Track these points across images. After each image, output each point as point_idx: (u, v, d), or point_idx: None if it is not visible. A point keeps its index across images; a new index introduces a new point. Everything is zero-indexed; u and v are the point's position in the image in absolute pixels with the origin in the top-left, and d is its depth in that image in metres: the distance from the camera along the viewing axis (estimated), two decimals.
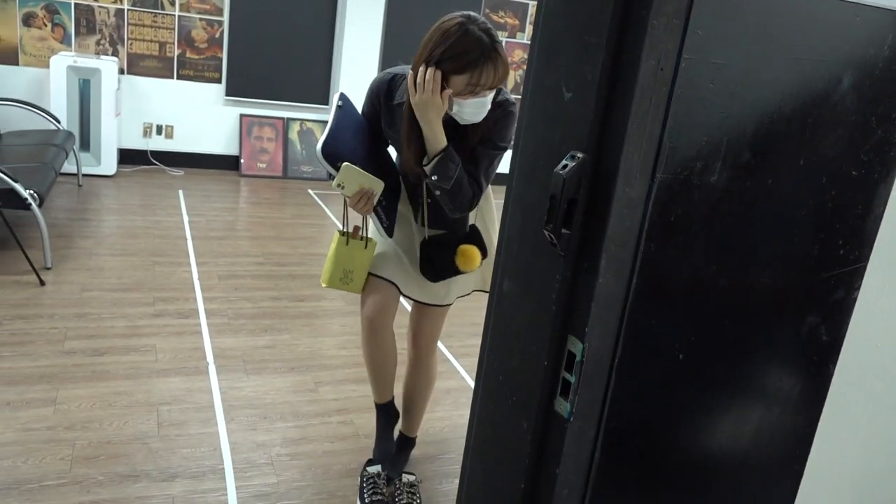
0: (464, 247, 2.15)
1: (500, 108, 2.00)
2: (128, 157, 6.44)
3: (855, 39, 0.95)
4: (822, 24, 0.92)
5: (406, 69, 2.06)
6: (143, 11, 6.29)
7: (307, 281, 4.32)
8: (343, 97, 2.12)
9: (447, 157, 1.95)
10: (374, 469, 2.38)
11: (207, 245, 4.68)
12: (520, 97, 1.86)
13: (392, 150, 2.25)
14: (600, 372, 0.96)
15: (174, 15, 6.39)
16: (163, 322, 3.49)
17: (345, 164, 1.97)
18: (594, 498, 1.02)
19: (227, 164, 6.83)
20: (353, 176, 1.98)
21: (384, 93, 2.11)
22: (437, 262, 2.18)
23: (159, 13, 6.34)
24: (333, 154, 1.99)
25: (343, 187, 1.98)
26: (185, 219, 5.19)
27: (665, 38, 0.84)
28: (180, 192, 5.90)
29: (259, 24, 6.61)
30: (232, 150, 6.84)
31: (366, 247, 2.21)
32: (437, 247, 2.18)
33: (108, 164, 6.03)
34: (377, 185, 2.01)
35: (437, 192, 2.00)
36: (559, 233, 0.93)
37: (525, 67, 7.77)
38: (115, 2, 6.18)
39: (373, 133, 2.18)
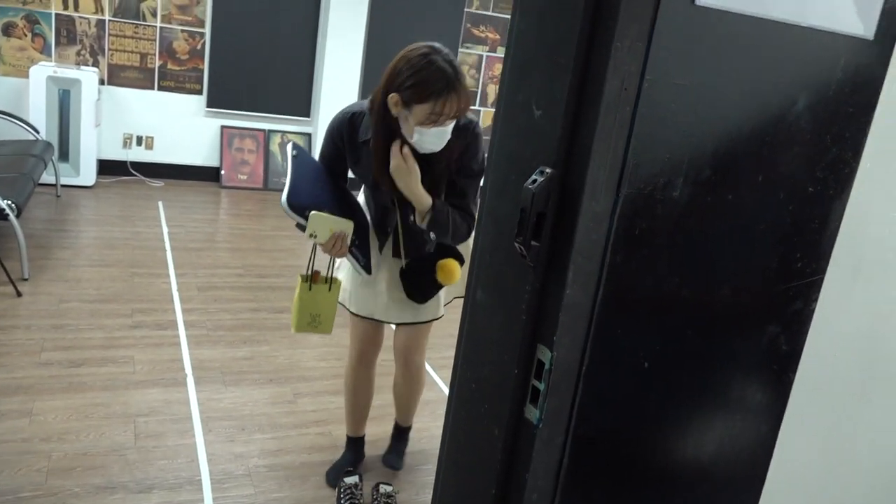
0: (442, 262, 2.17)
1: (467, 131, 2.02)
2: (107, 167, 6.42)
3: (809, 62, 1.00)
4: (778, 48, 0.97)
5: (364, 105, 2.08)
6: (125, 22, 6.29)
7: (287, 293, 4.33)
8: (296, 146, 2.14)
9: (436, 211, 2.00)
10: (352, 480, 2.40)
11: (187, 256, 4.68)
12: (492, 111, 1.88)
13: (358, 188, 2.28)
14: (568, 379, 1.00)
15: (156, 26, 6.39)
16: (141, 333, 3.48)
17: (312, 213, 1.98)
18: (563, 502, 1.05)
19: (208, 175, 6.82)
20: (323, 222, 2.00)
21: (346, 132, 2.12)
22: (422, 285, 2.21)
23: (141, 24, 6.35)
24: (298, 205, 2.01)
25: (316, 236, 2.00)
26: (165, 230, 5.17)
27: (628, 59, 0.89)
28: (160, 203, 5.89)
29: (241, 36, 6.63)
30: (213, 161, 6.83)
31: (330, 289, 2.21)
32: (416, 271, 2.20)
33: (88, 175, 6.00)
34: (348, 227, 2.03)
35: (433, 236, 2.05)
36: (529, 245, 0.96)
37: None
38: (96, 12, 6.18)
39: (331, 175, 2.19)
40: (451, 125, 1.93)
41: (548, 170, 0.95)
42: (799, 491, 1.31)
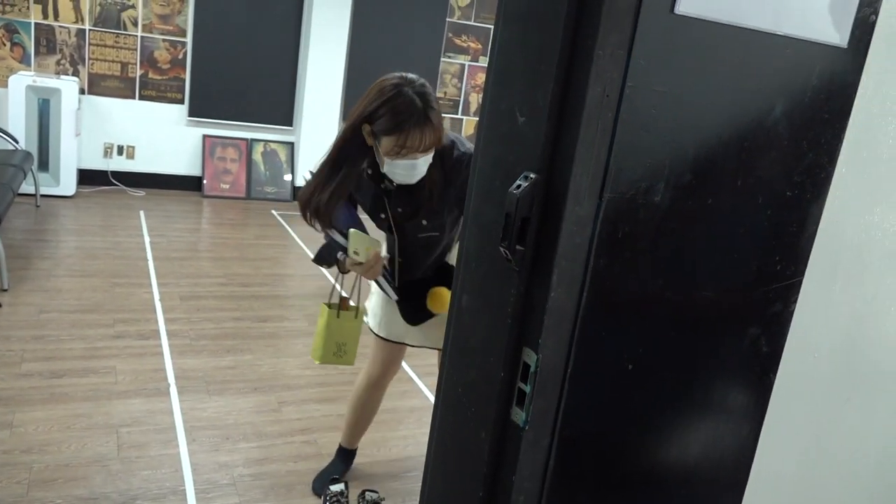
0: (434, 289, 2.13)
1: (460, 164, 1.98)
2: (88, 177, 6.37)
3: (786, 69, 1.02)
4: (756, 56, 0.99)
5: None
6: (105, 32, 6.27)
7: (270, 301, 4.31)
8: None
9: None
10: (338, 487, 2.39)
11: (169, 266, 4.65)
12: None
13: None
14: (554, 382, 1.01)
15: (136, 35, 6.37)
16: (123, 343, 3.46)
17: (352, 230, 1.94)
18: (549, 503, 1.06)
19: (190, 184, 6.79)
20: (363, 241, 1.96)
21: None
22: (415, 308, 2.18)
23: (121, 34, 6.32)
24: (338, 227, 2.00)
25: (358, 253, 1.96)
26: (147, 239, 5.14)
27: (610, 66, 0.90)
28: (141, 212, 5.86)
29: (223, 46, 6.63)
30: (194, 170, 6.81)
31: (356, 316, 2.17)
32: (409, 294, 2.18)
33: (68, 185, 5.96)
34: (381, 247, 2.01)
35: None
36: (514, 249, 0.97)
37: None
38: (76, 21, 6.14)
39: (349, 200, 2.17)
40: (422, 158, 1.89)
41: (532, 175, 0.96)
42: (780, 491, 1.33)
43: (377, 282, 2.15)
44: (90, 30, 6.21)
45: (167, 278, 4.42)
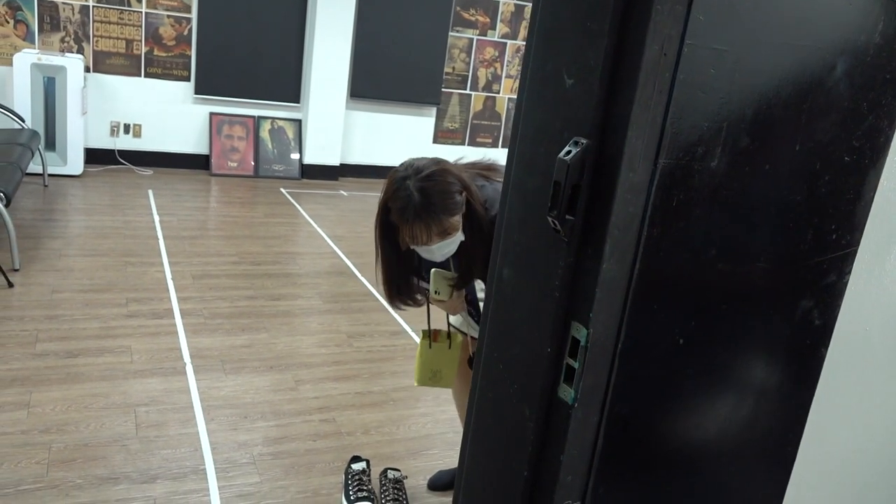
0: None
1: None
2: (95, 156, 6.33)
3: (848, 27, 0.97)
4: (818, 12, 0.94)
5: None
6: (109, 8, 6.18)
7: (283, 280, 4.28)
8: None
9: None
10: (359, 466, 2.37)
11: (180, 245, 4.62)
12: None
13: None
14: (604, 357, 0.97)
15: (141, 12, 6.29)
16: (137, 323, 3.43)
17: (433, 270, 1.96)
18: (597, 483, 1.02)
19: (197, 163, 6.74)
20: (445, 279, 1.99)
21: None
22: None
23: (125, 10, 6.24)
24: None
25: (439, 293, 1.99)
26: (156, 218, 5.11)
27: (668, 23, 0.85)
28: (150, 191, 5.82)
29: (228, 21, 6.54)
30: (202, 148, 6.75)
31: (450, 346, 2.20)
32: None
33: (75, 164, 5.92)
34: None
35: None
36: (563, 219, 0.93)
37: (497, 65, 7.77)
38: None
39: None
40: (436, 245, 1.87)
41: (583, 140, 0.91)
42: (829, 468, 1.30)
43: (462, 315, 2.20)
44: (94, 6, 6.12)
45: (178, 257, 4.39)
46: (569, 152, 0.92)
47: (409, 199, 1.80)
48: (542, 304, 1.00)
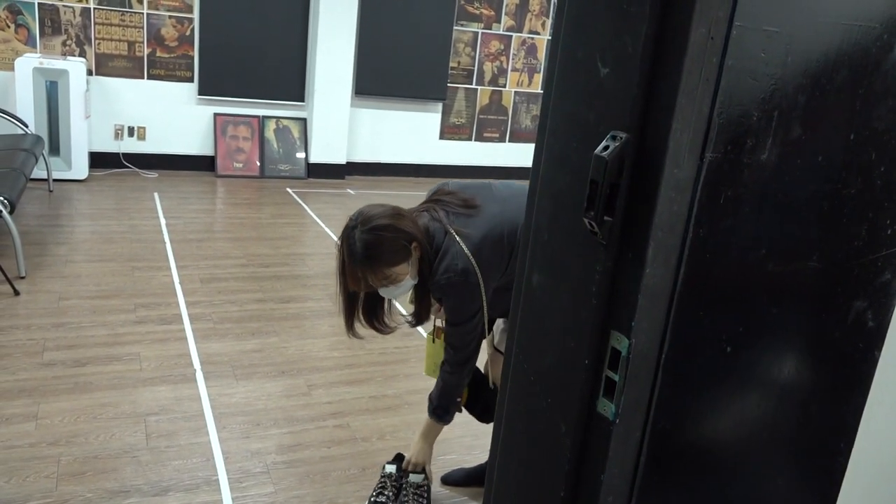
0: None
1: (437, 288, 2.02)
2: (99, 160, 6.27)
3: None
4: None
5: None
6: (110, 10, 6.12)
7: (292, 282, 4.22)
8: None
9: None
10: (391, 468, 2.32)
11: (187, 248, 4.56)
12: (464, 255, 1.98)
13: None
14: (646, 369, 0.89)
15: (142, 13, 6.22)
16: (145, 329, 3.37)
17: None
18: (640, 502, 0.95)
19: (203, 164, 6.68)
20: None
21: None
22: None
23: (127, 11, 6.18)
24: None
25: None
26: (163, 222, 5.05)
27: (716, 4, 0.77)
28: (155, 194, 5.76)
29: (230, 21, 6.47)
30: (207, 150, 6.69)
31: None
32: None
33: (80, 168, 5.86)
34: None
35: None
36: (601, 220, 0.85)
37: (503, 58, 7.67)
38: (80, 1, 6.00)
39: None
40: (388, 289, 2.00)
41: (622, 134, 0.84)
42: (882, 475, 1.22)
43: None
44: (95, 8, 6.07)
45: (186, 261, 4.33)
46: (606, 147, 0.84)
47: (353, 248, 1.92)
48: (578, 311, 0.93)
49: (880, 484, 1.22)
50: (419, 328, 2.49)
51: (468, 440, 2.72)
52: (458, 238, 1.98)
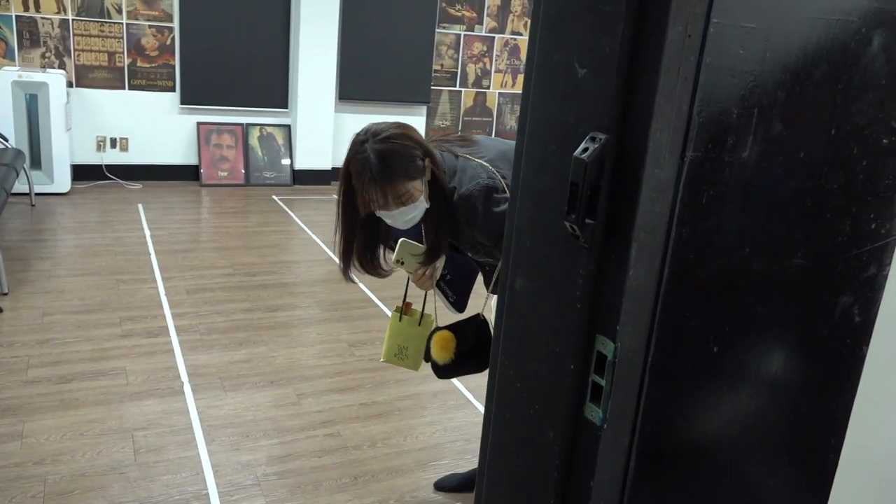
0: (436, 334, 2.07)
1: (460, 209, 1.87)
2: (82, 172, 6.22)
3: None
4: None
5: None
6: (89, 21, 6.07)
7: (280, 290, 4.19)
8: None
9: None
10: None
11: (172, 259, 4.52)
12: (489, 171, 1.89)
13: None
14: (633, 373, 0.88)
15: (122, 23, 6.18)
16: (131, 343, 3.33)
17: (401, 240, 1.89)
18: None
19: (187, 174, 6.64)
20: (411, 250, 1.91)
21: None
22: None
23: (106, 22, 6.13)
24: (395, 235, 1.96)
25: (402, 263, 1.92)
26: (147, 233, 5.01)
27: (692, 1, 0.76)
28: (139, 205, 5.71)
29: (211, 29, 6.43)
30: (190, 159, 6.65)
31: (419, 323, 2.13)
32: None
33: (62, 182, 5.81)
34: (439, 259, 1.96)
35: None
36: (583, 223, 0.84)
37: (486, 60, 7.66)
38: (58, 12, 5.95)
39: None
40: (398, 211, 1.80)
41: (601, 136, 0.83)
42: (873, 470, 1.21)
43: (436, 292, 2.11)
44: (74, 20, 6.01)
45: (171, 272, 4.29)
46: (586, 149, 0.83)
47: (367, 161, 1.75)
48: (563, 316, 0.91)
49: (872, 479, 1.22)
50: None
51: (460, 444, 2.70)
52: (471, 158, 1.89)
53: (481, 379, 2.26)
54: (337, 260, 1.97)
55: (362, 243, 1.94)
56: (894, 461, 1.24)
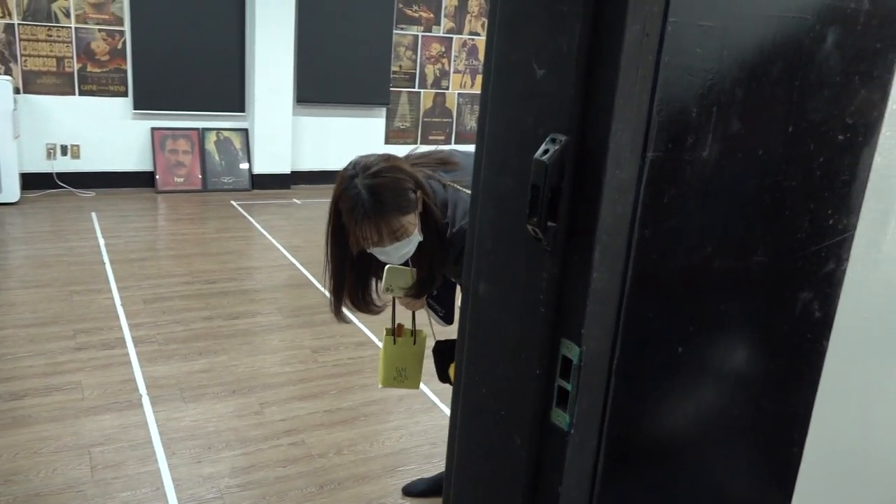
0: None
1: (453, 244, 1.81)
2: (31, 181, 6.04)
3: None
4: None
5: None
6: (36, 25, 5.90)
7: (240, 297, 4.12)
8: None
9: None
10: None
11: (128, 268, 4.41)
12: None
13: None
14: (599, 376, 0.87)
15: (70, 27, 6.02)
16: (86, 356, 3.24)
17: (388, 267, 1.85)
18: None
19: (142, 180, 6.50)
20: (399, 276, 1.87)
21: None
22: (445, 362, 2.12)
23: (54, 26, 5.96)
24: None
25: (392, 290, 1.89)
26: (101, 242, 4.88)
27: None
28: (93, 214, 5.57)
29: (164, 32, 6.30)
30: (145, 165, 6.51)
31: (415, 342, 2.09)
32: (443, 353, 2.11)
33: (11, 191, 5.63)
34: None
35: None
36: (545, 226, 0.83)
37: (444, 60, 7.66)
38: (3, 16, 5.77)
39: None
40: (392, 247, 1.75)
41: (561, 137, 0.81)
42: (837, 462, 1.23)
43: (426, 310, 2.10)
44: (19, 24, 5.84)
45: (127, 281, 4.19)
46: (546, 151, 0.82)
47: (358, 198, 1.70)
48: (527, 320, 0.90)
49: (835, 471, 1.23)
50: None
51: (426, 448, 2.68)
52: (460, 189, 1.84)
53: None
54: (328, 295, 1.95)
55: (353, 281, 1.90)
56: (857, 453, 1.25)
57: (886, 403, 1.25)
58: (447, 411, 2.83)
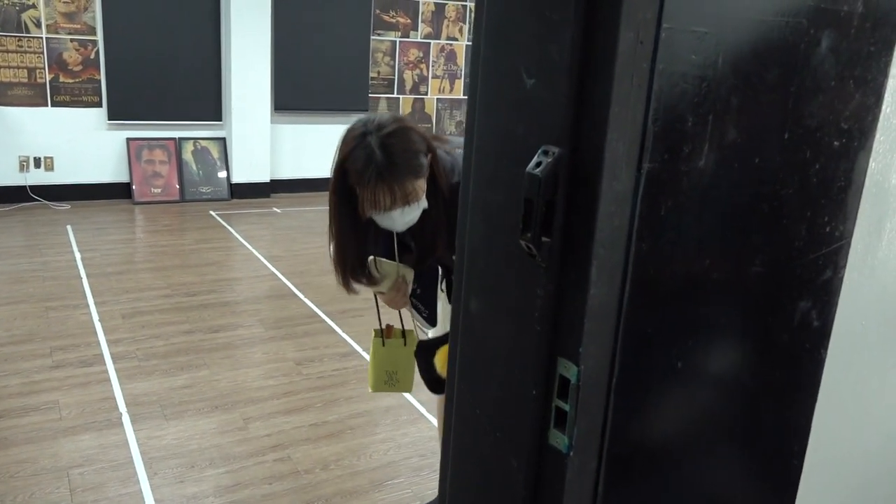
0: (442, 349, 1.91)
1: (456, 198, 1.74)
2: (4, 195, 5.93)
3: None
4: None
5: None
6: (5, 36, 5.79)
7: (221, 309, 4.05)
8: None
9: None
10: None
11: (106, 282, 4.33)
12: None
13: None
14: (598, 395, 0.84)
15: (41, 38, 5.91)
16: (64, 374, 3.16)
17: (370, 259, 1.77)
18: None
19: (118, 192, 6.40)
20: (382, 269, 1.79)
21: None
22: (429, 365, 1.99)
23: (24, 37, 5.86)
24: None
25: (382, 276, 1.81)
26: (77, 256, 4.79)
27: (642, 5, 0.73)
28: (68, 227, 5.47)
29: (137, 41, 6.21)
30: (121, 176, 6.41)
31: (405, 343, 2.00)
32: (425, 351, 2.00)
33: None
34: (408, 273, 1.82)
35: None
36: (539, 242, 0.80)
37: (422, 66, 7.63)
38: None
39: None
40: (398, 211, 1.64)
41: (554, 149, 0.78)
42: (838, 470, 1.21)
43: (410, 310, 2.02)
44: None
45: (105, 296, 4.11)
46: (539, 164, 0.79)
47: (371, 157, 1.58)
48: (522, 339, 0.87)
49: (836, 481, 1.21)
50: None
51: (415, 461, 2.64)
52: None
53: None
54: (335, 271, 1.80)
55: (356, 249, 1.78)
56: (857, 462, 1.23)
57: (884, 410, 1.23)
58: (434, 422, 2.79)
